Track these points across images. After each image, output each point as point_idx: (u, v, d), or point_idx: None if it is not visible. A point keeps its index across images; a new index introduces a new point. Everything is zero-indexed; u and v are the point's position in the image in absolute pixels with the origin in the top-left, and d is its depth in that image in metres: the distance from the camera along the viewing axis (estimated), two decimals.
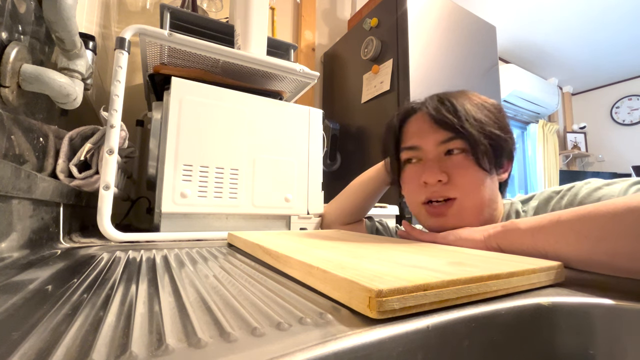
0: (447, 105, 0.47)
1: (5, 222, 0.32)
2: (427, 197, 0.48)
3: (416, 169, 0.50)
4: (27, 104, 0.41)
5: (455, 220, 0.46)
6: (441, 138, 0.47)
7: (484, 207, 0.47)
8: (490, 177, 0.47)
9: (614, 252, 0.26)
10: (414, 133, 0.50)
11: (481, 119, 0.46)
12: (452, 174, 0.46)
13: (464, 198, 0.46)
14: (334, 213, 0.71)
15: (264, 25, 0.77)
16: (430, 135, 0.48)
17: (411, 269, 0.22)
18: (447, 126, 0.46)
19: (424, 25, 1.28)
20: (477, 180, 0.46)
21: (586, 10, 2.37)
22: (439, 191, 0.47)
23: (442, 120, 0.46)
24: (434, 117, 0.47)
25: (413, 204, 0.51)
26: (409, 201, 0.52)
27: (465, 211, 0.46)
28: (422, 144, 0.49)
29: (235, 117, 0.68)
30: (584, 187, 0.42)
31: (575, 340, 0.20)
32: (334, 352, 0.13)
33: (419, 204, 0.49)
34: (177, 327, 0.16)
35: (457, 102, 0.47)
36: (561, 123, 3.61)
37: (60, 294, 0.21)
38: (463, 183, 0.46)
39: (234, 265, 0.32)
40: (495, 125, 0.47)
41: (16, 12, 0.37)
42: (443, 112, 0.47)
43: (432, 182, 0.46)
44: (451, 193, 0.46)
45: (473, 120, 0.46)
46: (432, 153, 0.48)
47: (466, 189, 0.46)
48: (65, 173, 0.55)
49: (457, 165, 0.46)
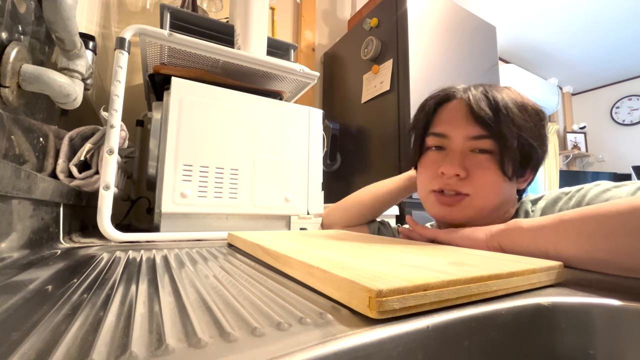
0: (489, 100, 0.44)
1: (5, 222, 0.32)
2: (440, 187, 0.46)
3: (437, 157, 0.48)
4: (27, 104, 0.41)
5: (460, 213, 0.46)
6: (473, 133, 0.45)
7: (492, 209, 0.46)
8: (510, 183, 0.46)
9: (616, 250, 0.26)
10: (446, 120, 0.48)
11: (520, 125, 0.43)
12: (471, 171, 0.44)
13: (476, 197, 0.45)
14: (337, 216, 0.70)
15: (264, 25, 0.77)
16: (462, 127, 0.45)
17: (411, 268, 0.22)
18: (483, 123, 0.44)
19: (424, 25, 1.28)
20: (494, 184, 0.45)
21: (586, 10, 2.37)
22: (454, 184, 0.45)
23: (479, 116, 0.44)
24: (472, 109, 0.44)
25: (424, 190, 0.50)
26: (421, 185, 0.52)
27: (472, 209, 0.45)
28: (452, 133, 0.46)
29: (235, 117, 0.68)
30: (592, 188, 0.41)
31: (575, 340, 0.20)
32: (334, 352, 0.13)
33: (429, 191, 0.49)
34: (177, 327, 0.16)
35: (500, 99, 0.44)
36: (561, 123, 3.61)
37: (60, 294, 0.21)
38: (479, 183, 0.44)
39: (234, 265, 0.32)
40: (531, 134, 0.44)
41: (16, 12, 0.37)
42: (483, 106, 0.44)
43: (450, 175, 0.45)
44: (465, 189, 0.45)
45: (512, 124, 0.43)
46: (459, 146, 0.46)
47: (481, 189, 0.45)
48: (65, 173, 0.55)
49: (479, 165, 0.44)
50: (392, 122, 1.24)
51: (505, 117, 0.43)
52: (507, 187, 0.46)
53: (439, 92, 0.51)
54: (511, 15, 2.45)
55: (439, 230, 0.44)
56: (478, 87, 0.47)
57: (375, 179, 0.71)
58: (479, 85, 0.48)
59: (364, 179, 1.37)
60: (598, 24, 2.51)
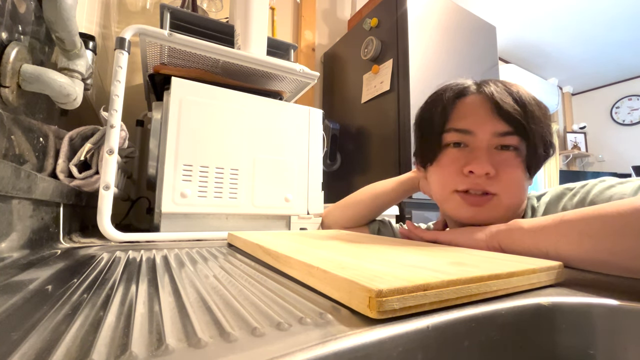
0: (513, 95, 0.43)
1: (5, 222, 0.32)
2: (467, 187, 0.44)
3: (460, 155, 0.45)
4: (27, 104, 0.41)
5: (489, 214, 0.44)
6: (500, 129, 0.43)
7: (516, 208, 0.46)
8: (528, 180, 0.46)
9: (617, 251, 0.26)
10: (468, 115, 0.45)
11: (542, 120, 0.43)
12: (499, 169, 0.43)
13: (504, 195, 0.44)
14: (337, 216, 0.70)
15: (264, 25, 0.77)
16: (488, 123, 0.44)
17: (411, 268, 0.22)
18: (510, 119, 0.42)
19: (424, 25, 1.28)
20: (520, 181, 0.44)
21: (586, 10, 2.37)
22: (482, 184, 0.43)
23: (506, 111, 0.42)
24: (498, 105, 0.43)
25: (444, 190, 0.47)
26: (439, 186, 0.49)
27: (501, 208, 0.44)
28: (477, 130, 0.44)
29: (235, 117, 0.68)
30: (597, 185, 0.41)
31: (575, 340, 0.20)
32: (334, 352, 0.13)
33: (451, 191, 0.46)
34: (177, 327, 0.16)
35: (524, 95, 0.43)
36: (561, 123, 3.61)
37: (60, 294, 0.21)
38: (507, 181, 0.43)
39: (234, 265, 0.32)
40: (549, 130, 0.45)
41: (16, 12, 0.37)
42: (510, 101, 0.43)
43: (480, 174, 0.43)
44: (493, 188, 0.43)
45: (537, 120, 0.43)
46: (485, 143, 0.44)
47: (508, 188, 0.43)
48: (65, 173, 0.55)
49: (506, 163, 0.43)
50: (392, 122, 1.24)
51: (531, 114, 0.43)
52: (526, 185, 0.46)
53: (452, 85, 0.49)
54: (511, 15, 2.45)
55: (438, 232, 0.44)
56: (495, 82, 0.46)
57: (375, 179, 0.71)
58: (494, 80, 0.47)
59: (364, 179, 1.37)
60: (598, 24, 2.51)
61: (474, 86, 0.47)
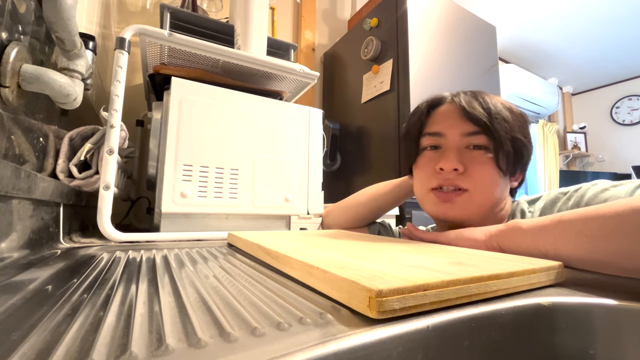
0: (479, 100, 0.48)
1: (5, 222, 0.32)
2: (438, 184, 0.48)
3: (433, 156, 0.50)
4: (27, 104, 0.41)
5: (460, 209, 0.47)
6: (467, 130, 0.47)
7: (491, 205, 0.47)
8: (504, 179, 0.48)
9: (615, 251, 0.26)
10: (440, 120, 0.50)
11: (509, 121, 0.47)
12: (469, 166, 0.46)
13: (475, 191, 0.46)
14: (337, 217, 0.70)
15: (264, 25, 0.77)
16: (456, 125, 0.48)
17: (411, 268, 0.22)
18: (475, 120, 0.46)
19: (424, 25, 1.28)
20: (491, 178, 0.46)
21: (586, 10, 2.37)
22: (452, 179, 0.47)
23: (472, 113, 0.47)
24: (465, 109, 0.47)
25: (422, 190, 0.51)
26: (418, 187, 0.53)
27: (472, 204, 0.47)
28: (447, 131, 0.49)
29: (235, 117, 0.68)
30: (590, 188, 0.42)
31: (575, 340, 0.20)
32: (334, 352, 0.13)
33: (427, 190, 0.50)
34: (177, 327, 0.16)
35: (489, 100, 0.48)
36: (561, 123, 3.61)
37: (60, 294, 0.21)
38: (478, 177, 0.46)
39: (234, 265, 0.32)
40: (520, 131, 0.48)
41: (16, 12, 0.37)
42: (475, 105, 0.47)
43: (448, 169, 0.46)
44: (464, 184, 0.46)
45: (502, 120, 0.46)
46: (455, 143, 0.48)
47: (479, 183, 0.46)
48: (65, 173, 0.55)
49: (476, 160, 0.46)
50: (392, 122, 1.24)
51: (495, 113, 0.46)
52: (502, 183, 0.48)
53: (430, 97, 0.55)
54: (511, 15, 2.45)
55: (438, 233, 0.44)
56: (466, 92, 0.51)
57: (375, 179, 0.71)
58: (466, 91, 0.52)
59: (364, 179, 1.37)
60: (598, 24, 2.51)
61: (449, 97, 0.52)
